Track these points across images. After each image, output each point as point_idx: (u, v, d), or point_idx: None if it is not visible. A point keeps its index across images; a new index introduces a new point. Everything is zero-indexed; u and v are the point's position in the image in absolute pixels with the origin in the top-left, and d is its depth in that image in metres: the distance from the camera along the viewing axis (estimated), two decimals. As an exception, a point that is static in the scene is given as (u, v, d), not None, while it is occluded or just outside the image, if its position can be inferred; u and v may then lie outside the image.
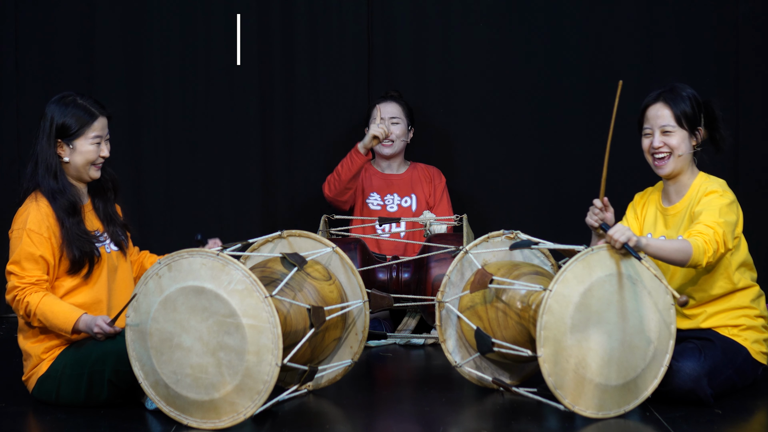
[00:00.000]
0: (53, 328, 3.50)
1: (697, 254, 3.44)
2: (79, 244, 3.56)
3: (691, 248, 3.43)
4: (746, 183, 5.08)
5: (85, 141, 3.60)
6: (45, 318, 3.48)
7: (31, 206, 3.54)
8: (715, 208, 3.54)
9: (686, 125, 3.66)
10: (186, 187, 5.36)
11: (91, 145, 3.60)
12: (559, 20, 5.27)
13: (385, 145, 5.00)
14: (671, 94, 3.68)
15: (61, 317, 3.48)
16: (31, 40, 5.26)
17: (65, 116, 3.58)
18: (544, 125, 5.31)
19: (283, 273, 3.48)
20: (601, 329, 3.34)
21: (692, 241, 3.45)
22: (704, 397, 3.47)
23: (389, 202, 5.02)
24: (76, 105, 3.60)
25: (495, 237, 3.73)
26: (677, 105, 3.66)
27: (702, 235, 3.47)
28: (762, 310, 3.67)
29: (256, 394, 3.27)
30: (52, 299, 3.50)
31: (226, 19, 5.30)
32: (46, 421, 3.47)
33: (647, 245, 3.41)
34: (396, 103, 5.03)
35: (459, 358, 3.69)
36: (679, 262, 3.46)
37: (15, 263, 3.51)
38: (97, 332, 3.47)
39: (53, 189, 3.57)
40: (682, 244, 3.44)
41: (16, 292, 3.51)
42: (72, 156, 3.60)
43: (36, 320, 3.50)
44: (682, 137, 3.66)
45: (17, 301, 3.51)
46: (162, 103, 5.33)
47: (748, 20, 5.19)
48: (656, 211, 3.76)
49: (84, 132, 3.59)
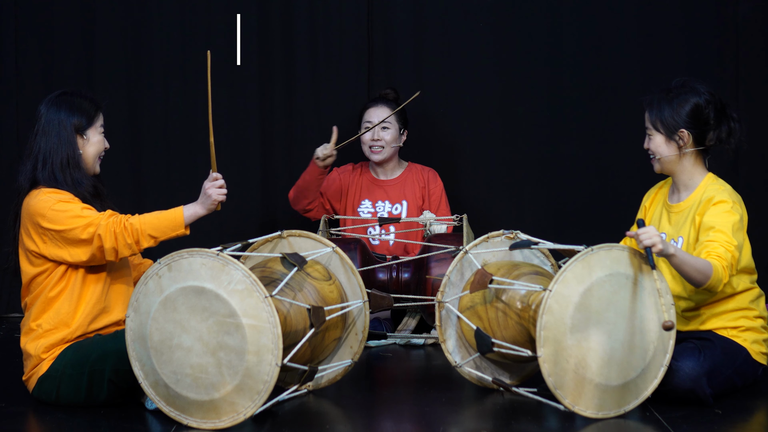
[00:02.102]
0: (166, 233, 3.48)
1: (716, 280, 3.42)
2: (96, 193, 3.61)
3: (711, 272, 3.40)
4: (746, 183, 5.08)
5: (95, 131, 3.64)
6: (153, 226, 3.46)
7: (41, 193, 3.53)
8: (727, 225, 3.51)
9: (662, 130, 3.65)
10: (186, 187, 5.35)
11: (100, 135, 3.66)
12: (559, 20, 5.27)
13: (375, 152, 4.95)
14: (658, 96, 3.67)
15: (168, 215, 3.49)
16: (31, 40, 5.26)
17: (77, 109, 3.61)
18: (544, 125, 5.31)
19: (283, 273, 3.48)
20: (601, 329, 3.34)
21: (714, 264, 3.41)
22: (703, 397, 3.47)
23: (380, 209, 4.99)
24: (82, 97, 3.64)
25: (495, 237, 3.73)
26: (654, 108, 3.66)
27: (721, 260, 3.44)
28: (761, 311, 3.67)
29: (256, 394, 3.27)
30: (144, 215, 3.49)
31: (226, 19, 5.30)
32: (46, 421, 3.47)
33: (674, 255, 3.37)
34: (387, 107, 4.96)
35: (459, 358, 3.69)
36: (696, 281, 3.43)
37: (79, 217, 3.48)
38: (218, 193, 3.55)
39: (75, 179, 3.57)
40: (704, 266, 3.40)
41: (111, 225, 3.45)
42: (86, 148, 3.62)
43: (145, 237, 3.46)
44: (660, 141, 3.66)
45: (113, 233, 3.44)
46: (162, 102, 5.33)
47: (748, 20, 5.19)
48: (662, 207, 3.76)
49: (94, 122, 3.63)
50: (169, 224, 3.50)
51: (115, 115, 5.14)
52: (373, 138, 4.93)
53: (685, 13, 5.23)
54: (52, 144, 3.57)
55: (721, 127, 3.65)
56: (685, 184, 3.70)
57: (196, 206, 3.56)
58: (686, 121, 3.63)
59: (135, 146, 5.32)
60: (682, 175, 3.69)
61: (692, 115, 3.63)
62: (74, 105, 3.61)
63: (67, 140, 3.58)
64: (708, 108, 3.63)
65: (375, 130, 4.92)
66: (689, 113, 3.63)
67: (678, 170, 3.68)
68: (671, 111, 3.64)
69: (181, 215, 3.52)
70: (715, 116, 3.64)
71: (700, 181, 3.68)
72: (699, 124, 3.64)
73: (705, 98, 3.64)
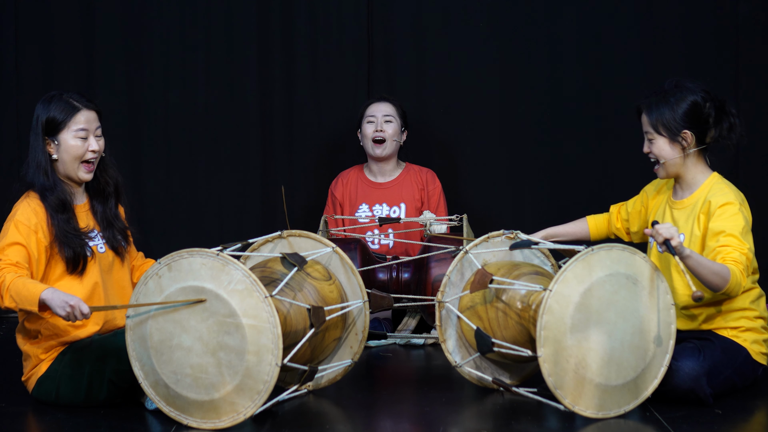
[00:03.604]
0: (23, 304, 3.33)
1: (735, 284, 3.41)
2: (68, 242, 3.52)
3: (729, 276, 3.39)
4: (746, 182, 5.08)
5: (69, 134, 3.55)
6: (17, 293, 3.32)
7: (22, 203, 3.54)
8: (737, 229, 3.50)
9: (664, 132, 3.64)
10: (186, 187, 5.36)
11: (76, 139, 3.56)
12: (559, 21, 5.27)
13: (377, 146, 4.97)
14: (654, 98, 3.66)
15: (31, 288, 3.31)
16: (31, 40, 5.27)
17: (49, 112, 3.56)
18: (544, 126, 5.31)
19: (283, 273, 3.48)
20: (602, 329, 3.34)
21: (732, 269, 3.40)
22: (703, 397, 3.47)
23: (378, 212, 4.98)
24: (59, 100, 3.57)
25: (495, 237, 3.73)
26: (653, 111, 3.64)
27: (737, 264, 3.43)
28: (762, 311, 3.67)
29: (256, 394, 3.27)
30: (27, 279, 3.37)
31: (226, 19, 5.30)
32: (45, 421, 3.47)
33: (689, 256, 3.36)
34: (389, 103, 5.00)
35: (459, 358, 3.69)
36: (713, 285, 3.41)
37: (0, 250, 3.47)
38: (68, 311, 3.26)
39: (43, 185, 3.54)
40: (722, 269, 3.39)
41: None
42: (59, 153, 3.57)
43: (8, 298, 3.35)
44: (663, 143, 3.65)
45: None
46: (162, 103, 5.33)
47: (748, 20, 5.19)
48: (666, 204, 3.75)
49: (67, 125, 3.55)
50: (27, 297, 3.32)
51: (116, 115, 5.15)
52: (376, 129, 4.94)
53: (684, 13, 5.23)
54: (31, 145, 3.57)
55: (722, 124, 3.65)
56: (689, 183, 3.69)
57: (54, 300, 3.28)
58: (687, 121, 3.62)
59: (135, 146, 5.32)
60: (686, 175, 3.69)
61: (692, 114, 3.63)
62: (50, 107, 3.56)
63: (35, 144, 3.56)
64: (707, 106, 3.63)
65: (379, 123, 4.93)
66: (689, 113, 3.62)
67: (682, 171, 3.68)
68: (671, 113, 3.62)
69: (38, 295, 3.30)
70: (715, 114, 3.64)
71: (704, 179, 3.67)
72: (700, 122, 3.63)
73: (701, 96, 3.63)
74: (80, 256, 3.55)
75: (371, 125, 4.95)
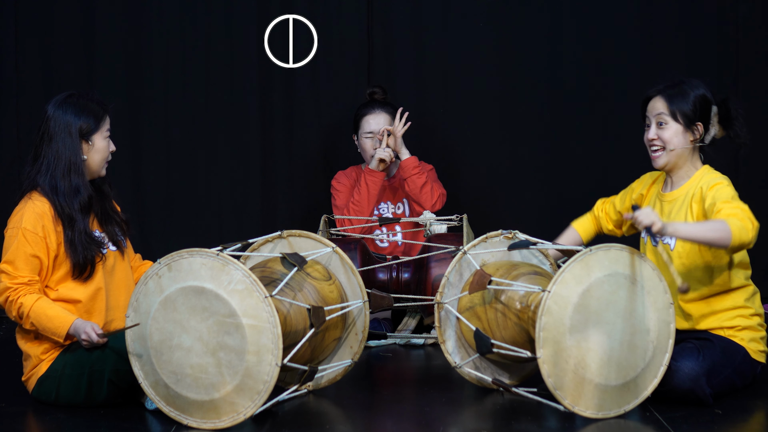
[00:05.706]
0: (45, 332, 3.48)
1: (739, 231, 3.35)
2: (82, 249, 3.55)
3: (728, 226, 3.34)
4: (746, 181, 5.08)
5: (100, 136, 3.62)
6: (39, 321, 3.46)
7: (26, 205, 3.53)
8: (727, 196, 3.51)
9: (681, 120, 3.65)
10: (186, 186, 5.36)
11: (105, 140, 3.64)
12: (560, 20, 5.28)
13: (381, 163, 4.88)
14: (673, 89, 3.67)
15: (56, 321, 3.46)
16: (31, 40, 5.27)
17: (83, 113, 3.58)
18: (544, 125, 5.31)
19: (283, 273, 3.48)
20: (601, 329, 3.34)
21: (727, 219, 3.37)
22: (703, 397, 3.47)
23: (383, 210, 4.97)
24: (89, 100, 3.61)
25: (493, 237, 3.73)
26: (675, 100, 3.65)
27: (731, 216, 3.40)
28: (757, 308, 3.67)
29: (256, 394, 3.27)
30: (47, 303, 3.48)
31: (225, 18, 5.30)
32: (46, 421, 3.47)
33: (676, 231, 3.34)
34: (385, 113, 4.91)
35: (458, 358, 3.69)
36: (720, 242, 3.36)
37: (9, 263, 3.49)
38: (84, 339, 3.44)
39: (75, 186, 3.56)
40: (716, 224, 3.36)
41: (8, 294, 3.48)
42: (90, 153, 3.60)
43: (29, 323, 3.48)
44: (676, 131, 3.66)
45: (10, 302, 3.48)
46: (162, 103, 5.33)
47: (748, 20, 5.20)
48: (656, 197, 3.76)
49: (100, 127, 3.62)
50: (52, 329, 3.47)
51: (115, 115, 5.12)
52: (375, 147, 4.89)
53: (685, 13, 5.23)
54: (56, 149, 3.55)
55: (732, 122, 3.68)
56: (681, 175, 3.70)
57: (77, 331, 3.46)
58: (701, 113, 3.66)
59: (135, 146, 5.32)
60: (683, 167, 3.69)
61: (702, 108, 3.66)
62: (81, 109, 3.58)
63: (71, 146, 3.56)
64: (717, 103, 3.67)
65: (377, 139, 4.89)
66: (701, 106, 3.65)
67: (681, 162, 3.69)
68: (690, 103, 3.64)
69: (65, 330, 3.46)
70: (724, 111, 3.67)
71: (695, 171, 3.69)
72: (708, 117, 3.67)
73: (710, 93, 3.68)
74: (89, 262, 3.56)
75: (369, 140, 4.92)
